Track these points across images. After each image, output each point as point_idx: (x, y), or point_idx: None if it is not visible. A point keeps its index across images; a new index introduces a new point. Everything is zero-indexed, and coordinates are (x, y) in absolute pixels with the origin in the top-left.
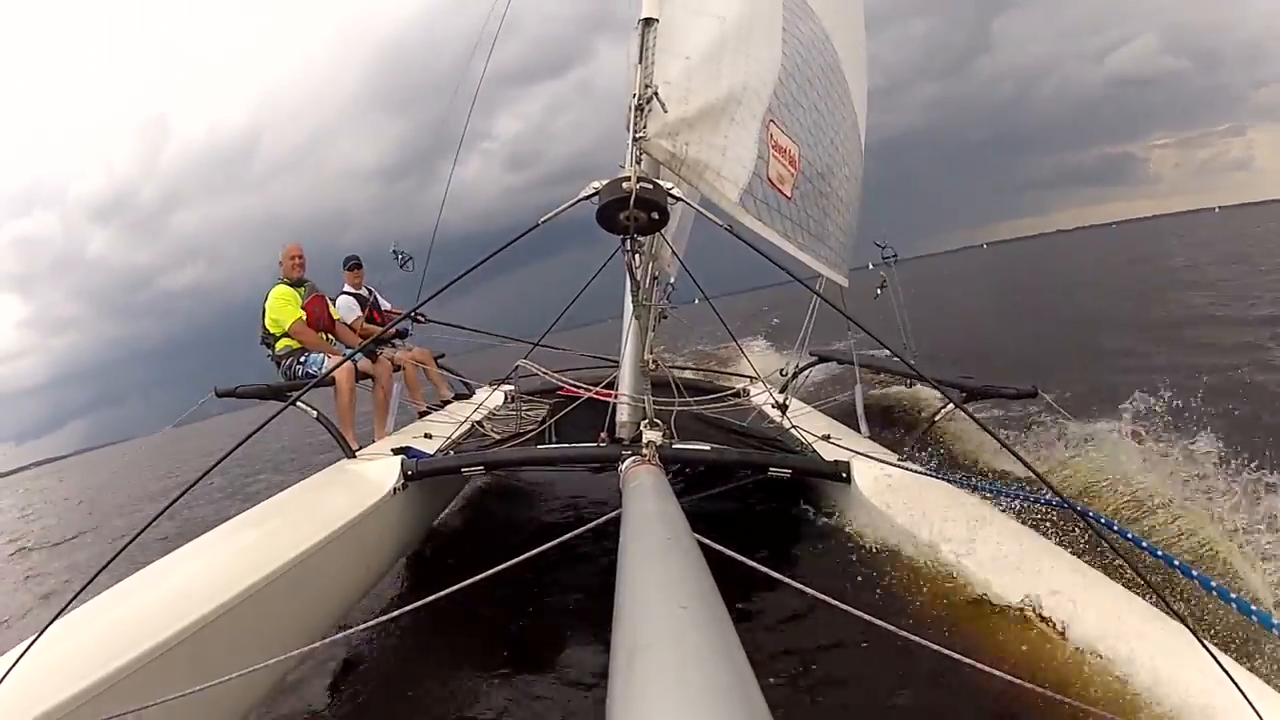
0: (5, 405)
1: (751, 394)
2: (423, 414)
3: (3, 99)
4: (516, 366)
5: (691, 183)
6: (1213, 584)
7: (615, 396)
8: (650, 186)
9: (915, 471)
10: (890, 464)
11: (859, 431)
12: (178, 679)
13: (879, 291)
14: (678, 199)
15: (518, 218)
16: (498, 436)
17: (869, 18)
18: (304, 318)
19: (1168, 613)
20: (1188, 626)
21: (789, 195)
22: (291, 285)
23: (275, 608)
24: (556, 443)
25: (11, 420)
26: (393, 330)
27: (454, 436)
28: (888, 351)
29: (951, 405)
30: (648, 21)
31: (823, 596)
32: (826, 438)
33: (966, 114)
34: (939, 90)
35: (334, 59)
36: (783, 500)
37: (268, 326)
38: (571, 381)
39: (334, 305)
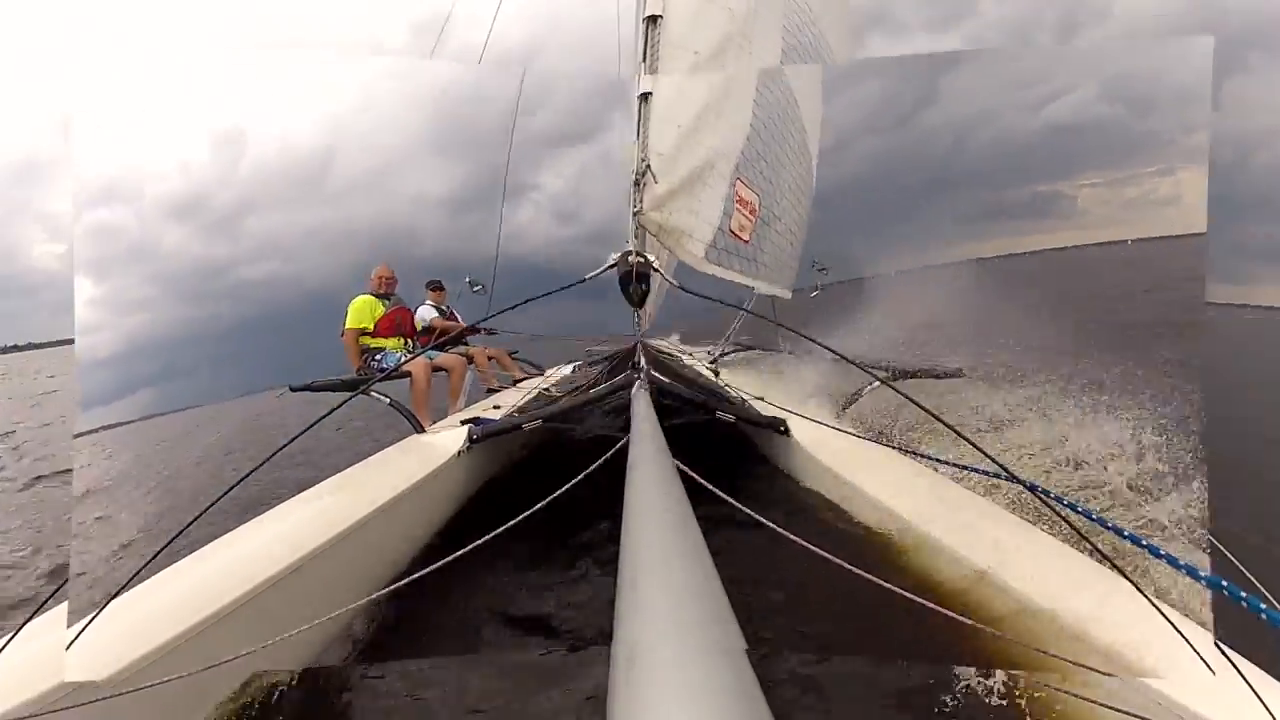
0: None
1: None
2: (491, 391)
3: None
4: (588, 352)
5: (670, 248)
6: (1148, 544)
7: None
8: (643, 260)
9: (849, 434)
10: (824, 425)
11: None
12: (246, 634)
13: (814, 294)
14: (656, 270)
15: (566, 264)
16: (559, 395)
17: (828, 86)
18: (370, 327)
19: (1103, 563)
20: (1124, 575)
21: (747, 240)
22: (376, 297)
23: (341, 564)
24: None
25: (83, 387)
26: (465, 334)
27: (520, 403)
28: (813, 342)
29: (877, 383)
30: (644, 96)
31: (785, 532)
32: (760, 398)
33: (904, 163)
34: (880, 143)
35: (395, 103)
36: (725, 446)
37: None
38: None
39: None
